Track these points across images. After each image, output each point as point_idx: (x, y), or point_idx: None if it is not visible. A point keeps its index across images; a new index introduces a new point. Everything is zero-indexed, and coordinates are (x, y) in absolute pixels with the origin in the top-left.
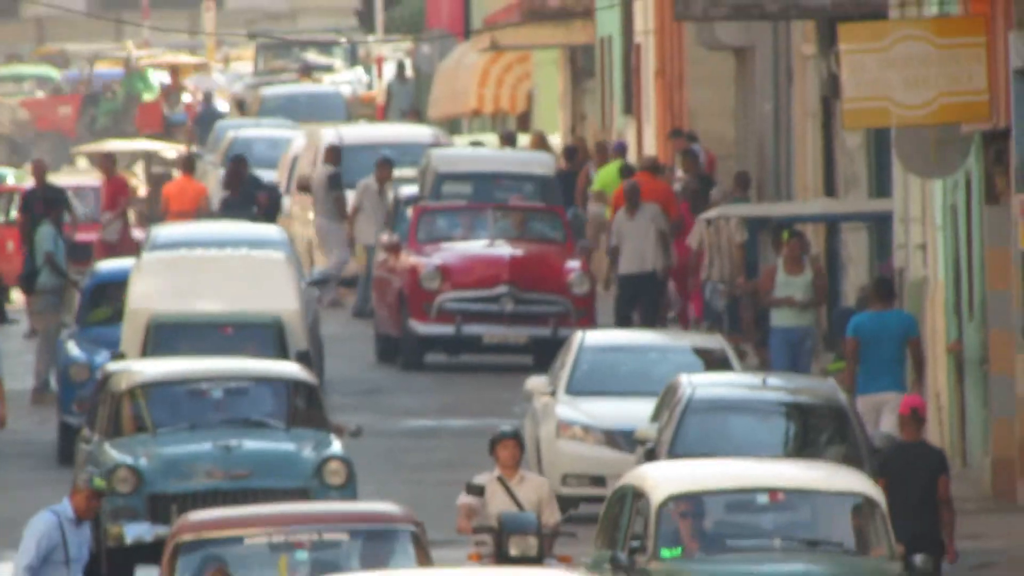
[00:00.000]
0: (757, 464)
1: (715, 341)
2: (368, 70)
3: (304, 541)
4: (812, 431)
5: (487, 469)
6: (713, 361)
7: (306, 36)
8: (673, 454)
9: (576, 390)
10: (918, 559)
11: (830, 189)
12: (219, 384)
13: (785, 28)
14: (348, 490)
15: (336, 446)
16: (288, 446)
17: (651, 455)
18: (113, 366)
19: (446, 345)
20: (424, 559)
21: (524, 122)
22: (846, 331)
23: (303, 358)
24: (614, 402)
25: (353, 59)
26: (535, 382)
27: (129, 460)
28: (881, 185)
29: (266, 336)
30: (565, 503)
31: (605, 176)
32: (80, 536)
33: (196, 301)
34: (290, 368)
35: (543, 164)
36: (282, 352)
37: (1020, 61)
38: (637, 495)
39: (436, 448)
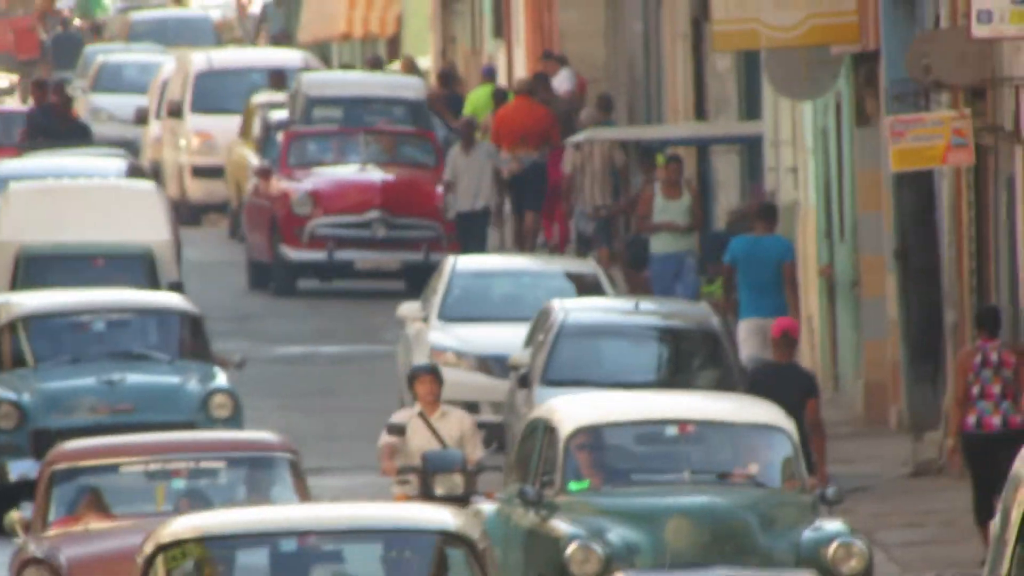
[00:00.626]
0: (666, 396)
1: (587, 266)
2: None
3: (181, 469)
4: (685, 355)
5: (360, 395)
6: (585, 286)
7: None
8: (546, 380)
9: (448, 316)
10: (829, 491)
11: (700, 112)
12: (101, 316)
13: None
14: (234, 423)
15: (221, 379)
16: (172, 379)
17: (524, 381)
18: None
19: (318, 271)
20: (301, 487)
21: (394, 46)
22: (722, 256)
23: (175, 288)
24: (487, 328)
25: None
26: (407, 308)
27: (12, 396)
28: (751, 108)
29: (137, 267)
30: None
31: (476, 100)
32: None
33: (66, 232)
34: (174, 300)
35: (413, 88)
36: (154, 283)
37: None
38: (547, 429)
39: (310, 375)
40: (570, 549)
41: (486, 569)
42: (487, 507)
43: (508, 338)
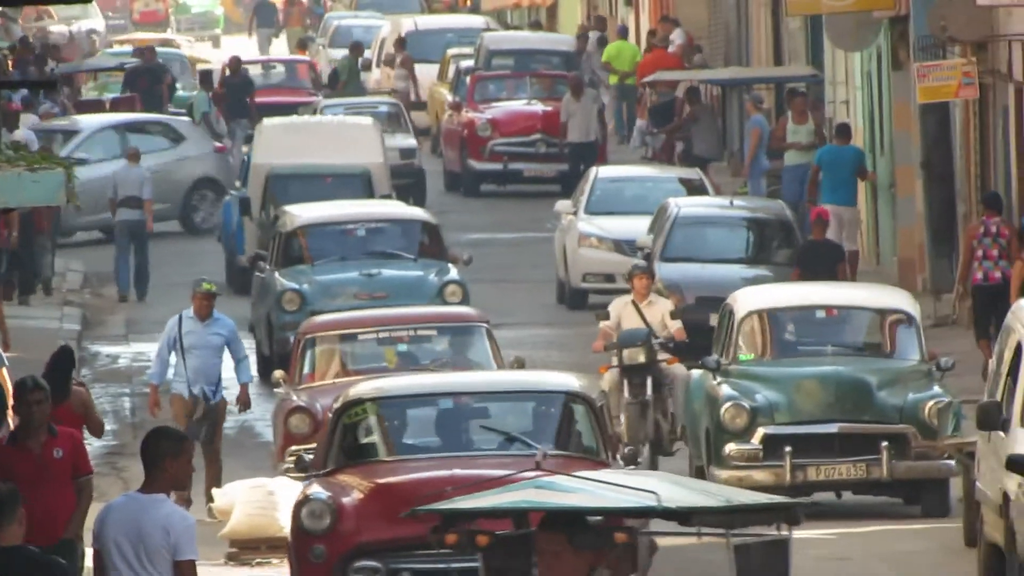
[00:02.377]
0: (818, 287)
1: (694, 173)
2: None
3: (403, 336)
4: (766, 239)
5: (528, 270)
6: (693, 188)
7: None
8: (664, 257)
9: (592, 210)
10: (942, 360)
11: (778, 60)
12: (363, 225)
13: None
14: (464, 305)
15: (453, 272)
16: (417, 273)
17: (647, 258)
18: (291, 209)
19: (496, 178)
20: (494, 348)
21: (552, 12)
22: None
23: (386, 198)
24: (621, 219)
25: None
26: (562, 205)
27: (294, 285)
28: (816, 56)
29: (358, 184)
30: (583, 296)
31: (612, 51)
32: (203, 330)
33: (303, 157)
34: (417, 212)
35: (566, 43)
36: (369, 195)
37: None
38: (729, 312)
39: (491, 255)
40: (724, 407)
41: (601, 421)
42: (695, 372)
43: (636, 227)
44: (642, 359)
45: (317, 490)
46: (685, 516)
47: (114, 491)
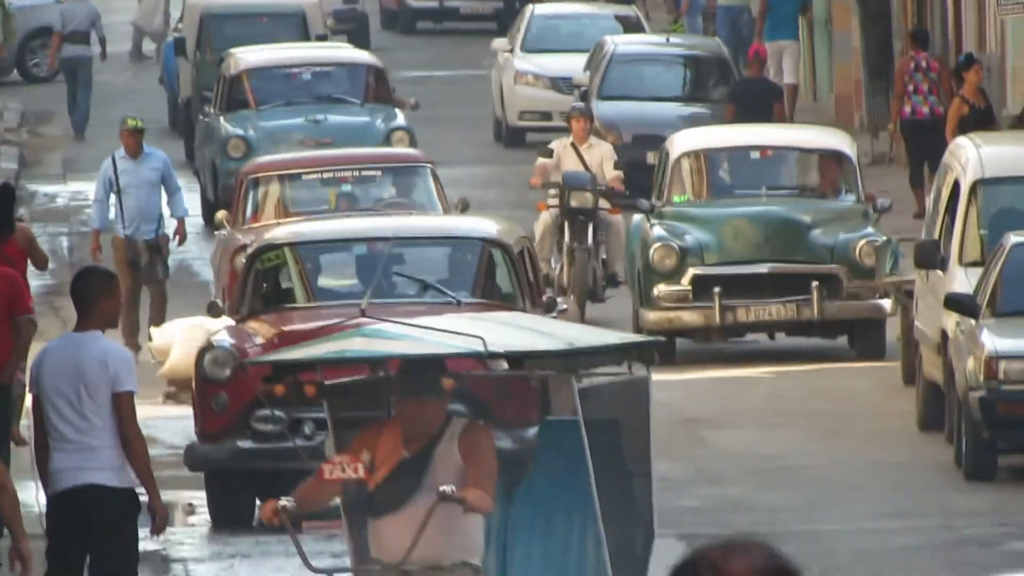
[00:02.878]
0: (753, 128)
1: (630, 10)
2: None
3: (347, 177)
4: (703, 76)
5: (464, 106)
6: (630, 25)
7: None
8: (601, 95)
9: (529, 48)
10: (879, 202)
11: None
12: (309, 68)
13: None
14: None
15: (400, 118)
16: (364, 119)
17: (584, 96)
18: (236, 51)
19: (432, 15)
20: (440, 189)
21: None
22: None
23: (321, 39)
24: (557, 56)
25: None
26: (498, 42)
27: (240, 131)
28: None
29: (293, 23)
30: (520, 134)
31: None
32: (137, 167)
33: None
34: (363, 55)
35: None
36: (305, 35)
37: None
38: (665, 153)
39: (427, 92)
40: (654, 248)
41: (519, 268)
42: (635, 217)
43: (573, 64)
44: (589, 204)
45: (222, 338)
46: (517, 360)
47: (52, 330)
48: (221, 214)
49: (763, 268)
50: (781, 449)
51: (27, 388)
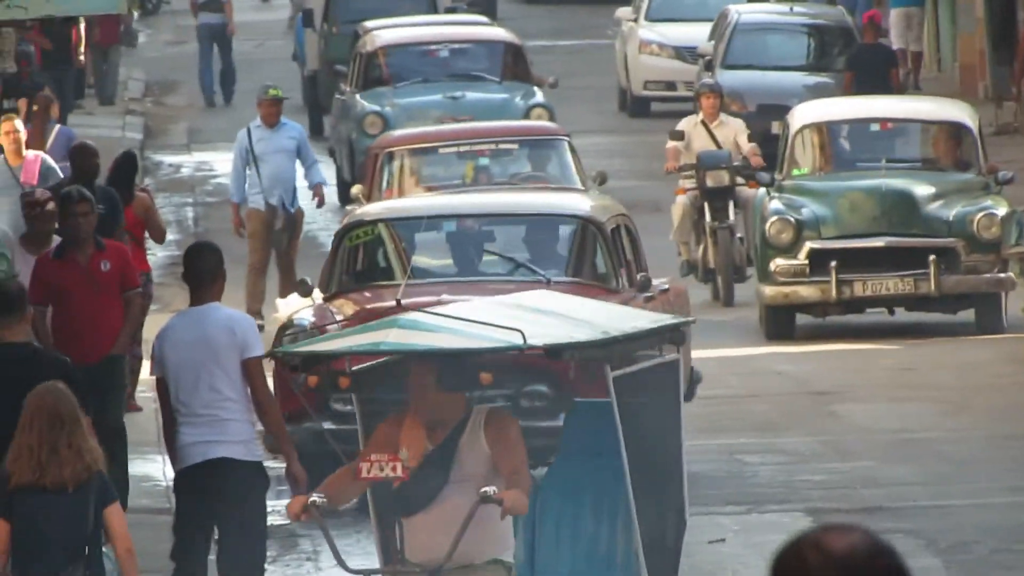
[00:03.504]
0: (872, 100)
1: None
2: None
3: (484, 150)
4: (827, 45)
5: (589, 76)
6: None
7: None
8: (725, 64)
9: (653, 17)
10: (1000, 174)
11: None
12: (446, 45)
13: None
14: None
15: (539, 95)
16: (502, 95)
17: (708, 66)
18: (371, 24)
19: None
20: (577, 162)
21: None
22: None
23: (450, 11)
24: (681, 26)
25: None
26: (623, 11)
27: (376, 108)
28: None
29: None
30: (645, 104)
31: None
32: (273, 136)
33: None
34: (500, 31)
35: None
36: (433, 8)
37: None
38: (786, 126)
39: (550, 62)
40: (770, 222)
41: (611, 246)
42: (759, 191)
43: (697, 34)
44: (727, 182)
45: (302, 315)
46: (555, 353)
47: (178, 301)
48: (357, 188)
49: (879, 242)
50: (909, 423)
51: (149, 368)
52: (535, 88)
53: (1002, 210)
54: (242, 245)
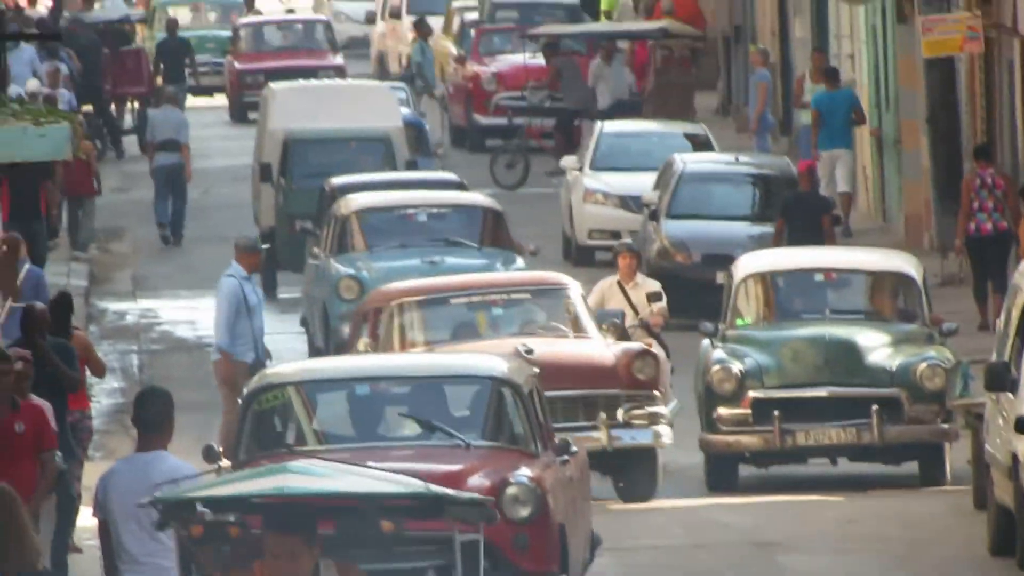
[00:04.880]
0: (818, 251)
1: (700, 128)
2: None
3: (496, 300)
4: (772, 195)
5: (534, 224)
6: (699, 144)
7: None
8: (670, 214)
9: (598, 166)
10: (945, 326)
11: (783, 13)
12: (424, 210)
13: None
14: None
15: (519, 263)
16: (482, 262)
17: (653, 215)
18: (338, 181)
19: (500, 133)
20: (588, 309)
21: None
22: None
23: (411, 166)
24: (626, 175)
25: None
26: (568, 160)
27: (352, 271)
28: (820, 9)
29: (379, 149)
30: (589, 252)
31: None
32: (255, 288)
33: (319, 121)
34: (479, 198)
35: None
36: (391, 162)
37: None
38: (728, 276)
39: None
40: (713, 370)
41: (530, 408)
42: (705, 341)
43: (642, 183)
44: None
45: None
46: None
47: (123, 448)
48: (363, 343)
49: (822, 391)
50: (854, 575)
51: (92, 510)
52: (515, 255)
53: (946, 361)
54: (192, 392)
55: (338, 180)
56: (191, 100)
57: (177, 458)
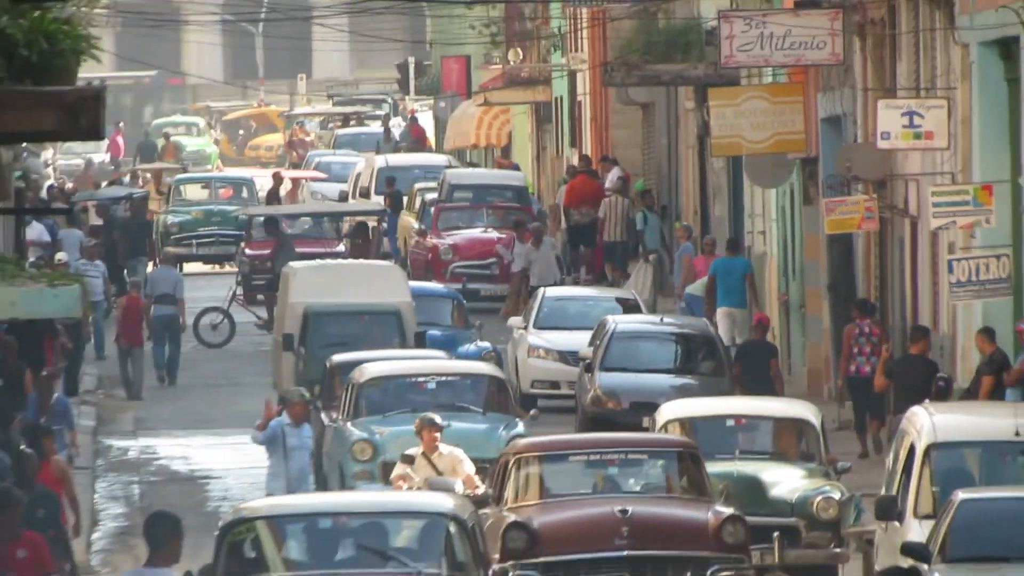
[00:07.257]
0: (730, 400)
1: (630, 293)
2: (405, 118)
3: (614, 459)
4: (693, 352)
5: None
6: (628, 307)
7: (366, 96)
8: (603, 367)
9: (541, 325)
10: (839, 464)
11: (704, 195)
12: (433, 378)
13: (674, 91)
14: None
15: (520, 427)
16: (485, 426)
17: (588, 368)
18: (339, 358)
19: None
20: (705, 473)
21: (506, 152)
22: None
23: (419, 338)
24: (566, 333)
25: (395, 110)
26: (514, 320)
27: (366, 435)
28: (736, 192)
29: (390, 321)
30: (532, 400)
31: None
32: (300, 434)
33: (334, 296)
34: (484, 367)
35: (517, 179)
36: (402, 334)
37: (824, 112)
38: (653, 421)
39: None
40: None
41: (473, 540)
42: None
43: (579, 340)
44: None
45: None
46: None
47: (127, 565)
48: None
49: None
50: None
51: None
52: (516, 420)
53: (838, 494)
54: (185, 519)
55: (338, 357)
56: (202, 267)
57: None
